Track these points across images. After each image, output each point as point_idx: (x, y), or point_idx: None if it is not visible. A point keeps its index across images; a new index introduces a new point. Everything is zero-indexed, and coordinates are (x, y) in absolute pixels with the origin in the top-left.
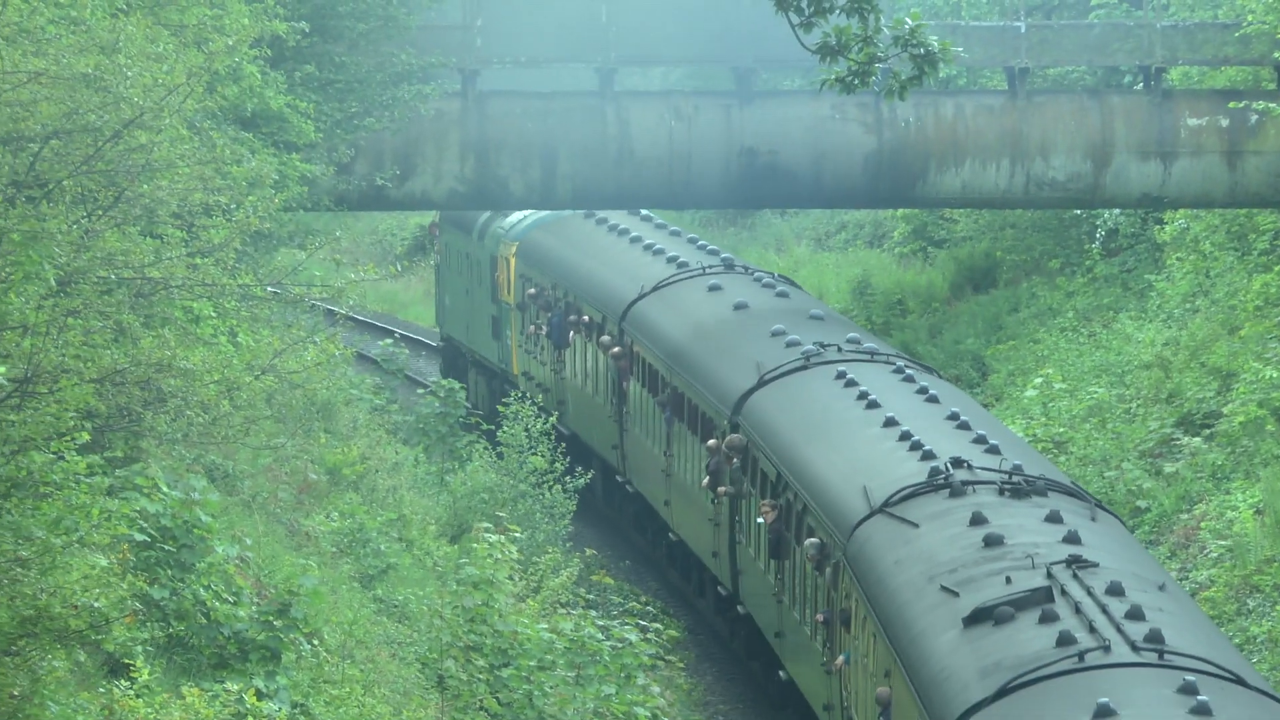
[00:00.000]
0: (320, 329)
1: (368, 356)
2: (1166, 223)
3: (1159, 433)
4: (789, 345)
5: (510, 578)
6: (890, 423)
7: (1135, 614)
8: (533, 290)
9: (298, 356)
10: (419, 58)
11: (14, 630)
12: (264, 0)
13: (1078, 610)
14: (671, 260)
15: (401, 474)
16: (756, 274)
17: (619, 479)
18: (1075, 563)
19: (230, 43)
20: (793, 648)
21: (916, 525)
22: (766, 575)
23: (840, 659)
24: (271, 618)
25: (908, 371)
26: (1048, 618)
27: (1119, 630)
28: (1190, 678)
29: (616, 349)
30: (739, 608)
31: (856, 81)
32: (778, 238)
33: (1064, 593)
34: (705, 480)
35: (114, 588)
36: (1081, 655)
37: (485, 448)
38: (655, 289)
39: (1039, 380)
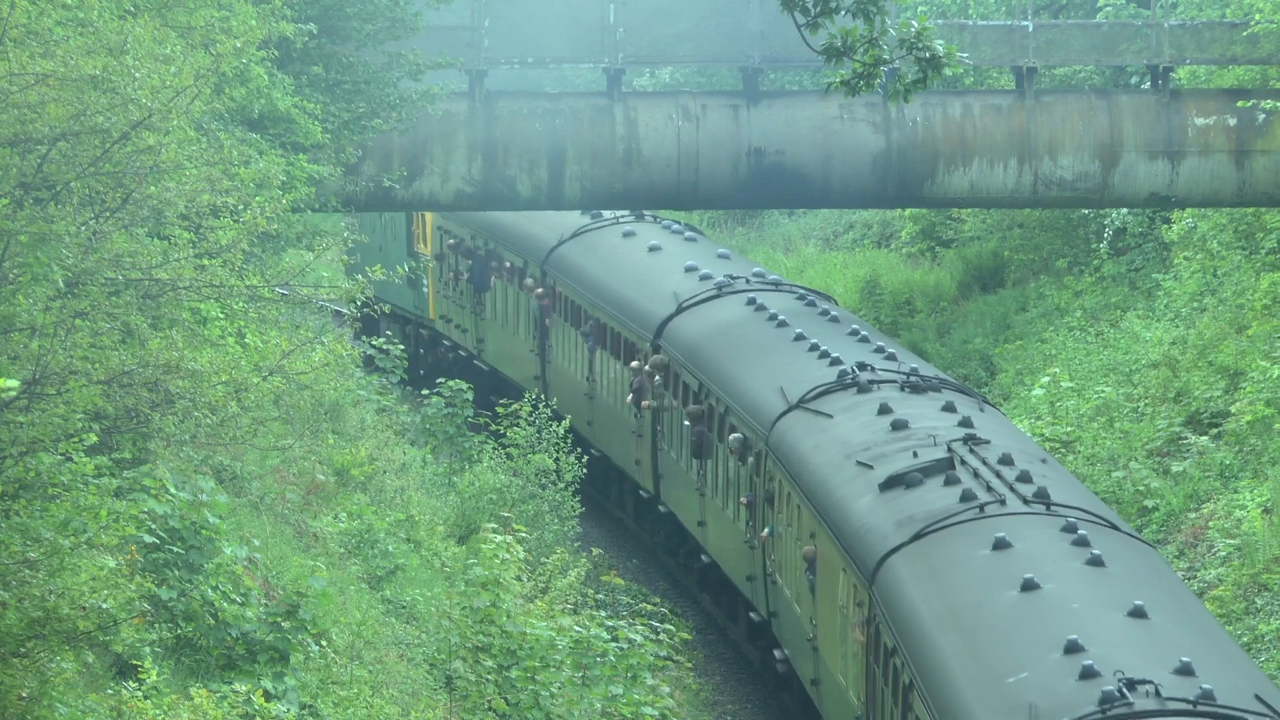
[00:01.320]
0: (328, 329)
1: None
2: (1174, 222)
3: (1167, 432)
4: (702, 279)
5: (518, 578)
6: (799, 338)
7: (1024, 478)
8: (452, 241)
9: (305, 357)
10: (426, 58)
11: (23, 632)
12: (271, 1)
13: (976, 475)
14: (585, 211)
15: (409, 475)
16: (665, 223)
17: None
18: (970, 440)
19: (238, 44)
20: (715, 533)
21: (831, 416)
22: (689, 474)
23: (765, 532)
24: (280, 619)
25: (809, 298)
26: (951, 481)
27: (1011, 489)
28: (1072, 520)
29: (539, 290)
30: (660, 508)
31: (861, 84)
32: (786, 238)
33: (963, 463)
34: (629, 398)
35: (122, 589)
36: (981, 507)
37: (494, 448)
38: (574, 235)
39: (1046, 379)
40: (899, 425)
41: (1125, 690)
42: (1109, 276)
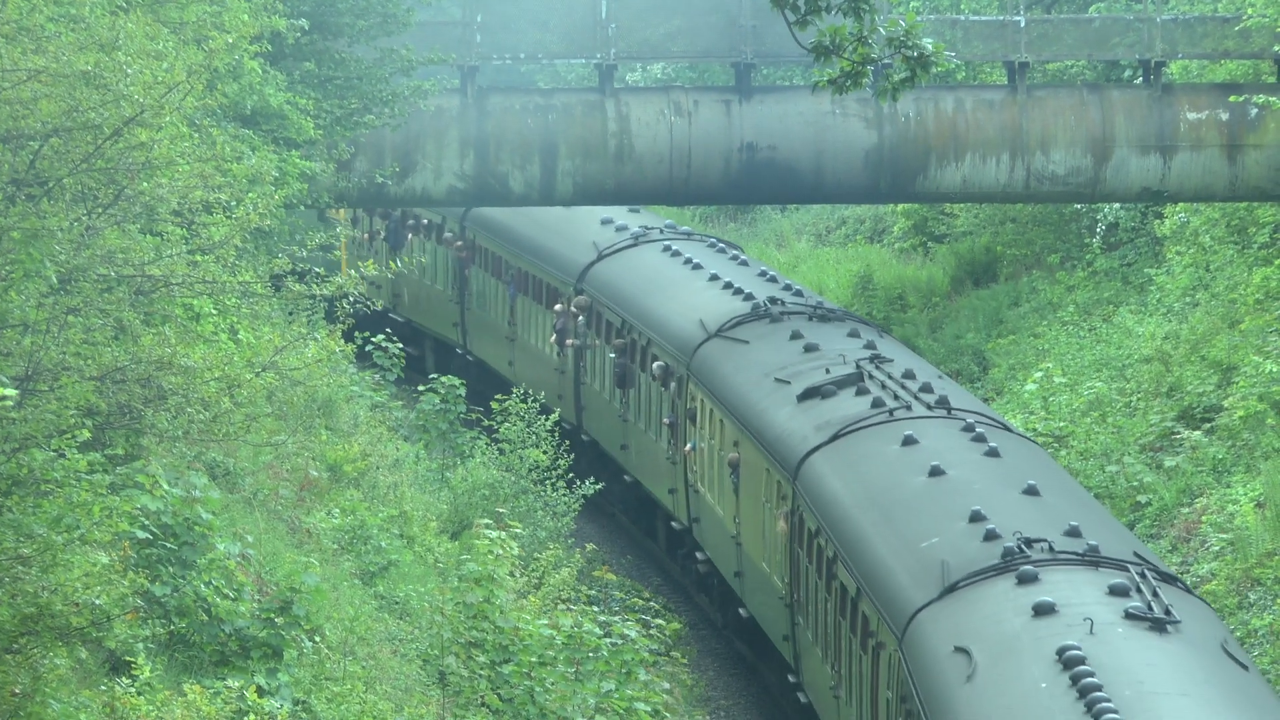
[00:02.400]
0: (321, 325)
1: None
2: (1166, 217)
3: (1159, 427)
4: (619, 230)
5: (511, 574)
6: (713, 278)
7: (926, 389)
8: None
9: (298, 353)
10: (418, 54)
11: (15, 628)
12: None
13: (883, 387)
14: None
15: (402, 470)
16: None
17: (459, 351)
18: (875, 359)
19: (230, 40)
20: (637, 453)
21: (747, 342)
22: (611, 403)
23: (688, 446)
24: (273, 615)
25: (720, 245)
26: (861, 392)
27: (915, 397)
28: (970, 422)
29: (459, 243)
30: (583, 436)
31: (849, 83)
32: (778, 233)
33: (870, 377)
34: (553, 338)
35: (115, 585)
36: (890, 412)
37: (487, 444)
38: None
39: (1039, 374)
40: (810, 348)
41: (1023, 547)
42: (1101, 271)
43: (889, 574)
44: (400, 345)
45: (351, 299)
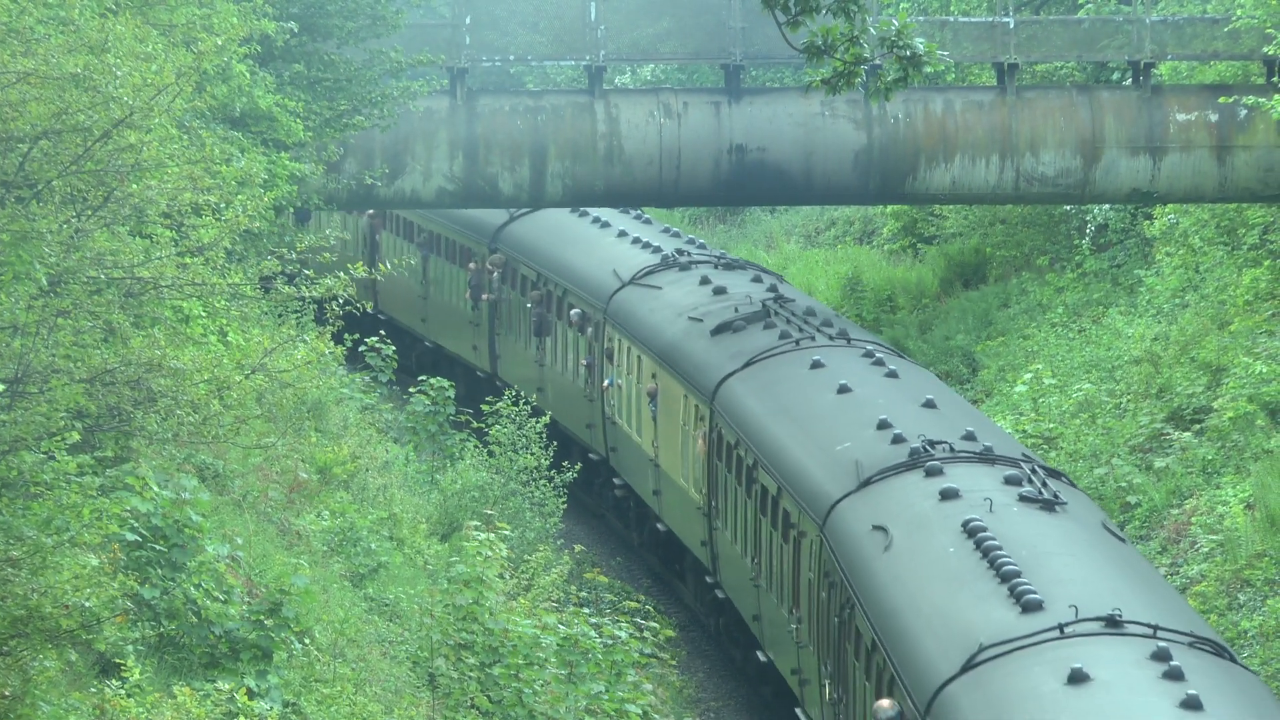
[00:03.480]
0: (310, 327)
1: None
2: (1156, 218)
3: (1149, 428)
4: None
5: (501, 576)
6: (622, 234)
7: (827, 323)
8: None
9: (288, 355)
10: (408, 56)
11: (5, 630)
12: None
13: (788, 322)
14: None
15: (392, 473)
16: None
17: (370, 311)
18: (779, 299)
19: (219, 42)
20: (555, 395)
21: (660, 288)
22: (528, 350)
23: (606, 383)
24: (262, 617)
25: (625, 208)
26: (769, 326)
27: (818, 330)
28: (869, 349)
29: (371, 211)
30: (497, 383)
31: (841, 83)
32: (767, 234)
33: (776, 314)
34: (467, 293)
35: (105, 587)
36: (797, 342)
37: (476, 446)
38: None
39: (1029, 376)
40: (719, 291)
41: (928, 447)
42: (1091, 272)
43: (808, 474)
44: (389, 341)
45: (341, 301)
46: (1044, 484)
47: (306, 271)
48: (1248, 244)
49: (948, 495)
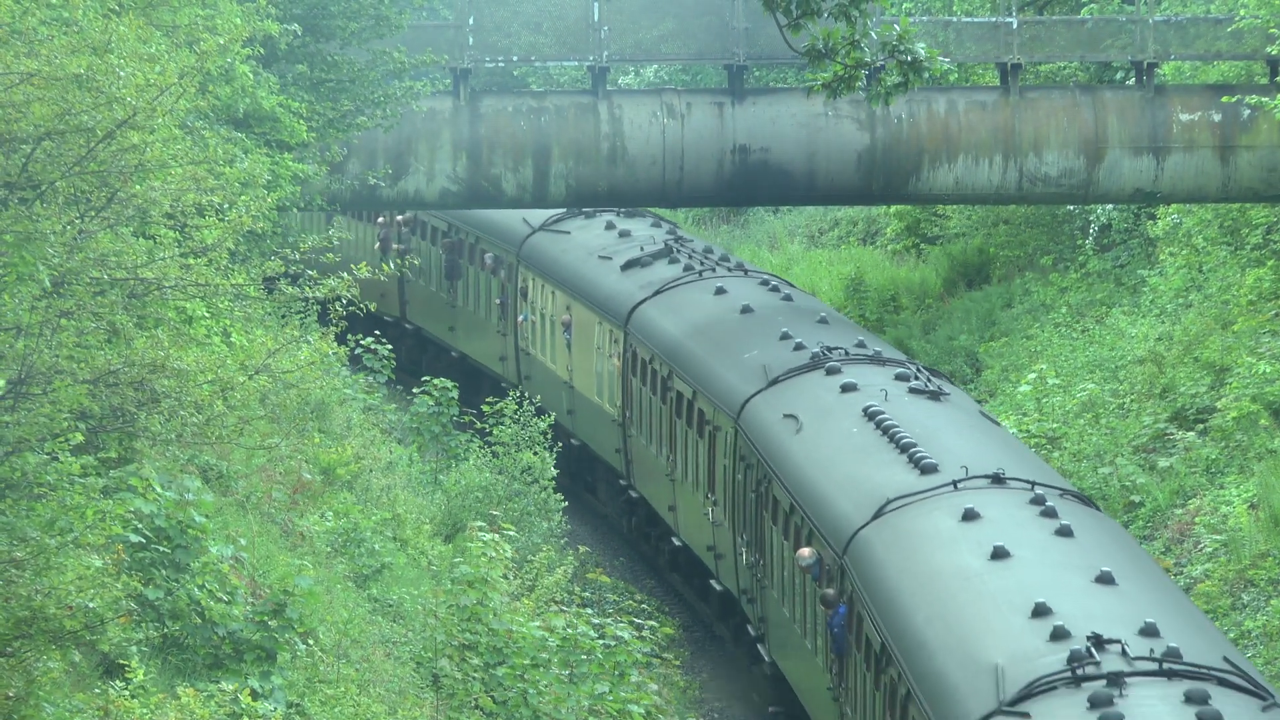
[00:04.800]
0: (314, 328)
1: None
2: (1159, 218)
3: (1153, 428)
4: None
5: (505, 576)
6: None
7: (724, 258)
8: None
9: (291, 356)
10: (411, 57)
11: (9, 631)
12: (256, 0)
13: (690, 257)
14: None
15: (395, 473)
16: None
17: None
18: (680, 240)
19: (222, 43)
20: (465, 333)
21: (569, 233)
22: (439, 294)
23: (520, 318)
24: (266, 618)
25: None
26: (673, 261)
27: (717, 264)
28: (765, 279)
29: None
30: (406, 325)
31: (842, 87)
32: (771, 235)
33: (679, 251)
34: (377, 246)
35: (109, 588)
36: (700, 273)
37: (480, 446)
38: None
39: (1032, 376)
40: (624, 234)
41: (826, 353)
42: (1094, 272)
43: (720, 378)
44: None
45: (344, 301)
46: (929, 380)
47: (310, 272)
48: (1251, 244)
49: (847, 389)
